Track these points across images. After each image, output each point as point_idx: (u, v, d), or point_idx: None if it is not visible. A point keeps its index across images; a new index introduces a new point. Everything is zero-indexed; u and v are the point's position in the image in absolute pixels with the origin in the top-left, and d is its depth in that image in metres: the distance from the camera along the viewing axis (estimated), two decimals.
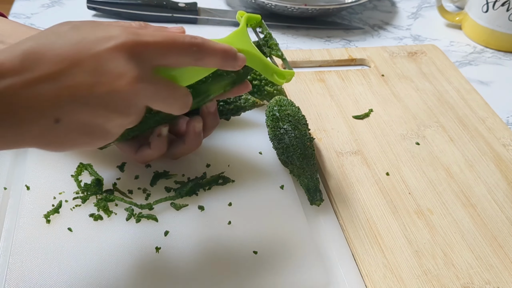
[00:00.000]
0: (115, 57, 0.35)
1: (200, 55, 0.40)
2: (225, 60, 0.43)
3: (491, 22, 0.85)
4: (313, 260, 0.48)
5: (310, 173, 0.54)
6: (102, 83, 0.35)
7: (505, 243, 0.53)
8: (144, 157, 0.51)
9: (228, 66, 0.43)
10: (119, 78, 0.35)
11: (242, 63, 0.44)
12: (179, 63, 0.40)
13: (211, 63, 0.42)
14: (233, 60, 0.43)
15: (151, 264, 0.46)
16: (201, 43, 0.40)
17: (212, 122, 0.53)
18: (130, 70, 0.36)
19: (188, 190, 0.53)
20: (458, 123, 0.68)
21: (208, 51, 0.41)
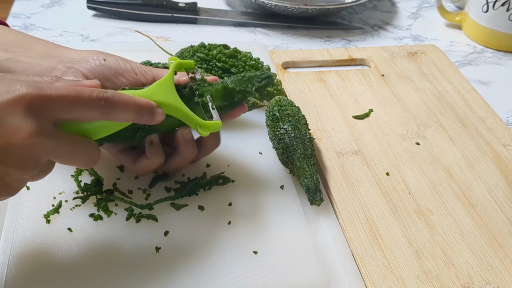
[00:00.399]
0: (12, 111, 0.35)
1: (108, 109, 0.39)
2: (140, 115, 0.41)
3: (491, 22, 0.85)
4: (313, 260, 0.48)
5: (310, 173, 0.54)
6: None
7: (505, 243, 0.53)
8: (143, 167, 0.51)
9: (143, 120, 0.42)
10: (14, 133, 0.34)
11: (160, 118, 0.43)
12: (86, 117, 0.39)
13: (123, 117, 0.41)
14: (149, 115, 0.42)
15: (151, 264, 0.46)
16: (110, 97, 0.39)
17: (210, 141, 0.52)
18: (27, 125, 0.35)
19: (188, 190, 0.53)
20: (458, 123, 0.68)
21: (119, 106, 0.40)
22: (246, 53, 0.62)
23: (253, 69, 0.61)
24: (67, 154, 0.39)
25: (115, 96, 0.40)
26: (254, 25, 0.87)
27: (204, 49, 0.61)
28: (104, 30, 0.79)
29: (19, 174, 0.37)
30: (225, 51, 0.60)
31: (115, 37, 0.78)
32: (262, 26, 0.87)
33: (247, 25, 0.87)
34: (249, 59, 0.61)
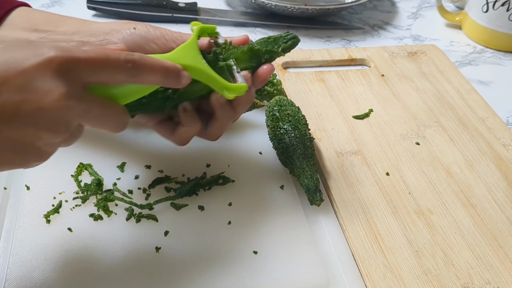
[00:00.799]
0: (42, 74, 0.35)
1: (136, 71, 0.39)
2: (166, 78, 0.42)
3: (491, 22, 0.85)
4: (313, 260, 0.48)
5: (310, 173, 0.54)
6: (29, 101, 0.34)
7: (505, 243, 0.53)
8: (181, 136, 0.50)
9: (170, 83, 0.43)
10: (46, 95, 0.34)
11: (186, 81, 0.43)
12: (114, 80, 0.39)
13: (150, 80, 0.41)
14: (175, 78, 0.42)
15: (151, 264, 0.46)
16: (137, 59, 0.39)
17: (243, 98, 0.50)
18: (58, 87, 0.35)
19: (188, 190, 0.53)
20: (458, 123, 0.68)
21: (146, 68, 0.40)
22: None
23: None
24: (97, 117, 0.39)
25: (142, 59, 0.40)
26: (254, 25, 0.87)
27: None
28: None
29: (50, 137, 0.37)
30: None
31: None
32: (262, 26, 0.87)
33: (247, 25, 0.87)
34: None
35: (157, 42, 0.51)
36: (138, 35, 0.50)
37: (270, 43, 0.53)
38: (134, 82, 0.40)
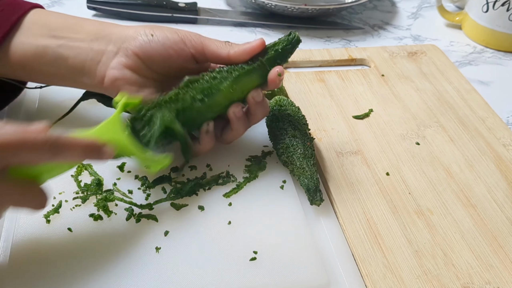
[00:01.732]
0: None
1: (55, 150, 0.39)
2: (87, 154, 0.41)
3: (491, 22, 0.85)
4: (313, 260, 0.48)
5: (310, 173, 0.54)
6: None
7: (505, 243, 0.53)
8: (195, 152, 0.53)
9: (91, 159, 0.43)
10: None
11: (109, 156, 0.43)
12: (34, 160, 0.39)
13: (72, 157, 0.41)
14: (97, 153, 0.42)
15: (151, 264, 0.46)
16: (56, 139, 0.39)
17: (259, 110, 0.52)
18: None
19: (188, 190, 0.53)
20: (458, 123, 0.68)
21: (66, 147, 0.40)
22: None
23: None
24: (16, 199, 0.39)
25: (61, 138, 0.39)
26: (254, 25, 0.87)
27: None
28: None
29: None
30: None
31: None
32: (262, 26, 0.87)
33: (247, 25, 0.87)
34: None
35: (175, 48, 0.51)
36: (156, 42, 0.50)
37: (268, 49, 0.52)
38: (55, 160, 0.40)
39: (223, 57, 0.51)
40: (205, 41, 0.52)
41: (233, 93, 0.51)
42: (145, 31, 0.51)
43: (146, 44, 0.50)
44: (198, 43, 0.51)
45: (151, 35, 0.50)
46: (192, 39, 0.51)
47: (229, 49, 0.51)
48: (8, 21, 0.50)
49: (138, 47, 0.50)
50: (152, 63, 0.51)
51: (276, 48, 0.52)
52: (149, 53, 0.50)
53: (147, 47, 0.50)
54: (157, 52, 0.51)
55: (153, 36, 0.51)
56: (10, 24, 0.50)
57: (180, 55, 0.51)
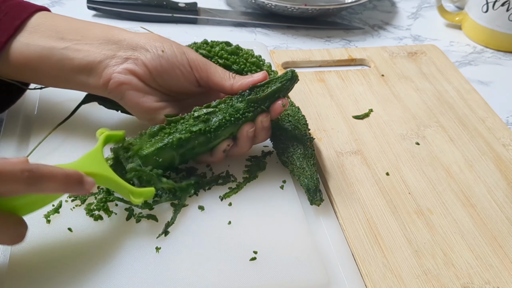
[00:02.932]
0: None
1: (34, 180, 0.38)
2: (68, 185, 0.40)
3: (491, 22, 0.85)
4: (313, 260, 0.48)
5: (310, 173, 0.54)
6: None
7: (505, 243, 0.53)
8: (203, 161, 0.55)
9: (73, 190, 0.42)
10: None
11: (90, 187, 0.42)
12: (11, 191, 0.38)
13: (50, 188, 0.39)
14: (77, 184, 0.41)
15: (151, 264, 0.46)
16: (34, 169, 0.38)
17: (264, 135, 0.54)
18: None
19: (186, 185, 0.52)
20: (458, 123, 0.68)
21: (45, 177, 0.38)
22: (248, 51, 0.62)
23: (254, 66, 0.61)
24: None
25: (39, 168, 0.39)
26: (254, 25, 0.87)
27: (206, 46, 0.61)
28: None
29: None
30: (227, 48, 0.61)
31: None
32: (262, 26, 0.87)
33: (247, 25, 0.87)
34: (250, 56, 0.62)
35: (182, 69, 0.52)
36: (165, 59, 0.51)
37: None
38: (33, 191, 0.39)
39: (226, 89, 0.53)
40: (210, 70, 0.52)
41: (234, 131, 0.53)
42: (156, 45, 0.51)
43: (156, 59, 0.51)
44: (204, 71, 0.52)
45: (161, 51, 0.51)
46: (199, 66, 0.52)
47: (233, 82, 0.52)
48: (12, 24, 0.50)
49: (149, 60, 0.51)
50: (158, 77, 0.52)
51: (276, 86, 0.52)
52: (157, 68, 0.51)
53: (157, 62, 0.51)
54: (165, 69, 0.51)
55: (164, 52, 0.51)
56: (14, 28, 0.50)
57: (186, 77, 0.52)
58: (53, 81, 0.54)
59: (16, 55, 0.50)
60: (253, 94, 0.52)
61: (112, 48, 0.51)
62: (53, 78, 0.53)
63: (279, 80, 0.52)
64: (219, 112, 0.51)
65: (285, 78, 0.52)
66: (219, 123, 0.51)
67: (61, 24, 0.52)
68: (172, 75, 0.52)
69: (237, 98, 0.52)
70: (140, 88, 0.52)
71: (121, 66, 0.51)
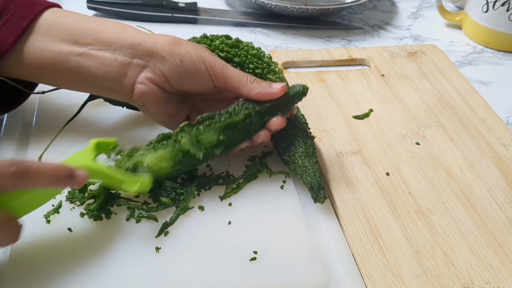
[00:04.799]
0: None
1: (22, 175, 0.38)
2: (57, 179, 0.40)
3: (491, 22, 0.85)
4: (313, 260, 0.48)
5: (312, 171, 0.54)
6: None
7: (505, 243, 0.53)
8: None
9: (63, 183, 0.42)
10: None
11: (82, 180, 0.42)
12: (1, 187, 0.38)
13: (39, 182, 0.40)
14: (67, 177, 0.41)
15: (151, 264, 0.46)
16: (22, 162, 0.38)
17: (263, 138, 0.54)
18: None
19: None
20: (458, 123, 0.68)
21: (31, 171, 0.39)
22: (248, 43, 0.62)
23: (255, 58, 0.61)
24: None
25: (27, 162, 0.39)
26: (254, 25, 0.87)
27: (206, 40, 0.61)
28: None
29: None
30: (227, 42, 0.61)
31: None
32: (262, 26, 0.87)
33: (247, 25, 0.87)
34: (251, 48, 0.62)
35: (200, 78, 0.52)
36: (183, 69, 0.51)
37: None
38: (22, 186, 0.39)
39: (243, 95, 0.52)
40: (228, 74, 0.52)
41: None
42: (173, 52, 0.51)
43: (174, 69, 0.51)
44: (221, 76, 0.52)
45: (180, 61, 0.51)
46: (217, 72, 0.52)
47: (250, 88, 0.52)
48: (20, 25, 0.50)
49: (167, 70, 0.51)
50: (176, 85, 0.52)
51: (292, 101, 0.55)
52: (176, 77, 0.51)
53: (175, 72, 0.51)
54: (183, 78, 0.51)
55: (182, 62, 0.51)
56: (21, 29, 0.50)
57: (203, 83, 0.52)
58: (70, 85, 0.53)
59: (32, 59, 0.50)
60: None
61: (128, 54, 0.50)
62: (70, 83, 0.53)
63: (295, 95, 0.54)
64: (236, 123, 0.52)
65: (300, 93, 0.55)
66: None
67: (74, 24, 0.51)
68: (190, 83, 0.52)
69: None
70: (160, 96, 0.52)
71: (141, 75, 0.51)
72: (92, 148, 0.48)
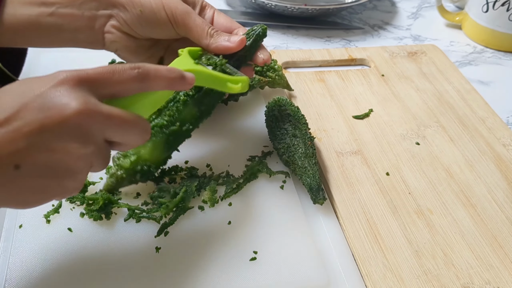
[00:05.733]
0: (59, 91, 0.36)
1: (143, 77, 0.40)
2: (172, 80, 0.42)
3: (491, 22, 0.85)
4: (313, 260, 0.48)
5: (312, 172, 0.54)
6: (51, 117, 0.35)
7: (505, 243, 0.53)
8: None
9: (176, 85, 0.43)
10: (65, 108, 0.35)
11: (191, 81, 0.44)
12: (126, 90, 0.40)
13: (158, 85, 0.41)
14: (180, 79, 0.43)
15: (151, 264, 0.46)
16: (142, 65, 0.40)
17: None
18: (75, 99, 0.36)
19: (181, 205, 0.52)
20: (458, 123, 0.68)
21: (152, 73, 0.41)
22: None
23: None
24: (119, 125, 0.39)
25: (146, 65, 0.41)
26: (254, 25, 0.87)
27: None
28: None
29: (79, 150, 0.37)
30: None
31: None
32: None
33: (247, 25, 0.86)
34: None
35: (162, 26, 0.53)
36: (144, 19, 0.52)
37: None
38: (144, 89, 0.41)
39: (203, 46, 0.53)
40: (189, 24, 0.53)
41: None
42: (133, 4, 0.52)
43: (135, 19, 0.52)
44: (182, 26, 0.53)
45: (139, 11, 0.52)
46: (177, 19, 0.52)
47: (209, 42, 0.53)
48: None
49: (129, 19, 0.52)
50: (142, 32, 0.54)
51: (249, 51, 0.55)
52: (138, 27, 0.53)
53: (136, 21, 0.52)
54: (145, 27, 0.53)
55: (142, 12, 0.52)
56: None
57: (166, 32, 0.53)
58: (46, 44, 0.55)
59: (5, 24, 0.51)
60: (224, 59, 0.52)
61: (93, 6, 0.52)
62: (46, 42, 0.54)
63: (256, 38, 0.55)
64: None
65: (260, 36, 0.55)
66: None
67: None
68: (153, 30, 0.53)
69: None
70: (129, 42, 0.54)
71: (107, 24, 0.53)
72: (186, 56, 0.50)
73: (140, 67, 0.40)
